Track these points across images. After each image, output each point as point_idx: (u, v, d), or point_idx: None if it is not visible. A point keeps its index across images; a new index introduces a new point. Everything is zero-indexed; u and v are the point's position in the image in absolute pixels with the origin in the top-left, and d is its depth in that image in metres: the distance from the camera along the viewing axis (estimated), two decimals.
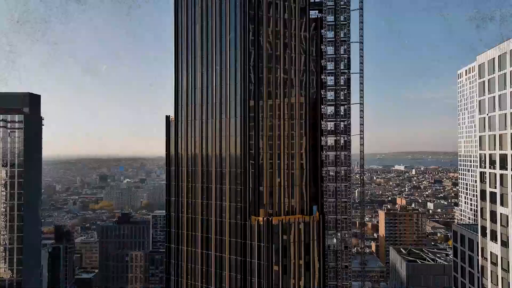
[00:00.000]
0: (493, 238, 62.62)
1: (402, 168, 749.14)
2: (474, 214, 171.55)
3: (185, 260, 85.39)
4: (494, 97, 63.10)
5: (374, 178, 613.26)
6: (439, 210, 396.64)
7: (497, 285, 61.79)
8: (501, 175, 60.18)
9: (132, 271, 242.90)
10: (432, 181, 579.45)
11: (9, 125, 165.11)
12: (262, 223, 75.66)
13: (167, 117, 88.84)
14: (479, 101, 68.17)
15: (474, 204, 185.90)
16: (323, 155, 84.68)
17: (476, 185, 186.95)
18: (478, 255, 68.92)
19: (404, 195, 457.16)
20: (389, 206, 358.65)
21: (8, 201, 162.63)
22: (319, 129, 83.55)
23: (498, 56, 61.43)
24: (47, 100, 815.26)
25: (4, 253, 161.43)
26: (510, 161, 58.20)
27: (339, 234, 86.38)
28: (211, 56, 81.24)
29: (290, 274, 77.24)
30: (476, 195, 69.67)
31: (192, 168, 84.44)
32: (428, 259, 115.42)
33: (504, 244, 59.57)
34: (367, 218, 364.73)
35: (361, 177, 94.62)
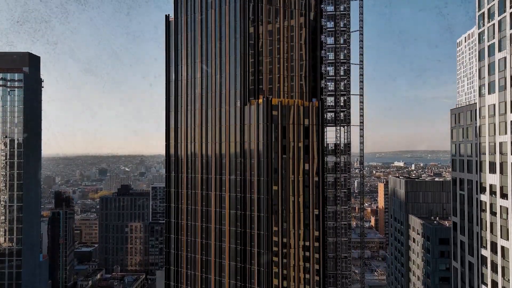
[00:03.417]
0: (491, 90, 63.18)
1: (401, 164, 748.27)
2: None
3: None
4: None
5: (374, 172, 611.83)
6: None
7: (494, 135, 62.18)
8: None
9: (132, 243, 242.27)
10: (432, 174, 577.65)
11: (8, 83, 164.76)
12: (261, 103, 76.08)
13: (167, 17, 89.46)
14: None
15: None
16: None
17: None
18: (476, 120, 69.37)
19: None
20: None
21: (8, 159, 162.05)
22: (319, 25, 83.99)
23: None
24: (47, 100, 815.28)
25: (4, 216, 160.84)
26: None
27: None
28: None
29: (289, 154, 77.42)
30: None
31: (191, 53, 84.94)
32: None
33: (502, 88, 60.10)
34: (366, 205, 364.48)
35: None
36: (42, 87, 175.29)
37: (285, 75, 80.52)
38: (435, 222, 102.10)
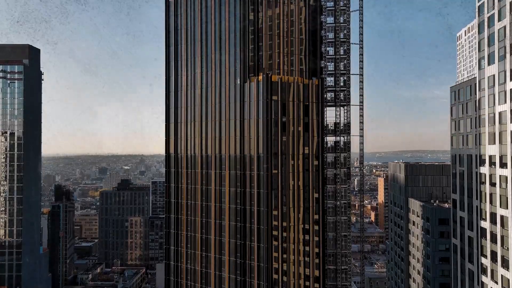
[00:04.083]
0: (491, 61, 63.38)
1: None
2: None
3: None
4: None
5: (374, 171, 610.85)
6: None
7: (494, 105, 62.34)
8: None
9: (132, 237, 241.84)
10: None
11: (8, 75, 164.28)
12: (261, 80, 76.19)
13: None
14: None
15: None
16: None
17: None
18: (476, 94, 69.55)
19: None
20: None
21: (7, 151, 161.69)
22: (319, 4, 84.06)
23: None
24: (47, 100, 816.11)
25: (4, 208, 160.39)
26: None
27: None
28: None
29: (289, 132, 77.53)
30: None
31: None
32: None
33: (502, 58, 60.25)
34: (366, 202, 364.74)
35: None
36: (42, 80, 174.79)
37: (284, 53, 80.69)
38: (434, 204, 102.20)
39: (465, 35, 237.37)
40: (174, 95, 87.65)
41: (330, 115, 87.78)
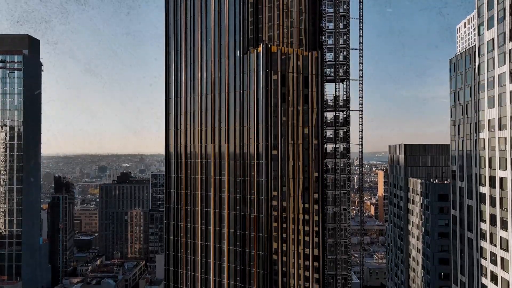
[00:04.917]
0: (490, 25, 63.67)
1: None
2: None
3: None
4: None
5: (374, 169, 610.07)
6: None
7: (493, 69, 62.53)
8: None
9: (132, 230, 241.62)
10: None
11: (8, 65, 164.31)
12: (261, 51, 76.37)
13: None
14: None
15: None
16: None
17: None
18: (475, 61, 69.80)
19: None
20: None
21: (7, 141, 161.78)
22: None
23: None
24: (47, 100, 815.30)
25: (4, 198, 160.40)
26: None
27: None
28: None
29: (289, 103, 77.65)
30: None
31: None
32: None
33: (501, 20, 60.47)
34: (365, 199, 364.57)
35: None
36: (42, 71, 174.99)
37: (284, 27, 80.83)
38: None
39: (465, 27, 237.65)
40: (174, 70, 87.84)
41: (330, 90, 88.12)
